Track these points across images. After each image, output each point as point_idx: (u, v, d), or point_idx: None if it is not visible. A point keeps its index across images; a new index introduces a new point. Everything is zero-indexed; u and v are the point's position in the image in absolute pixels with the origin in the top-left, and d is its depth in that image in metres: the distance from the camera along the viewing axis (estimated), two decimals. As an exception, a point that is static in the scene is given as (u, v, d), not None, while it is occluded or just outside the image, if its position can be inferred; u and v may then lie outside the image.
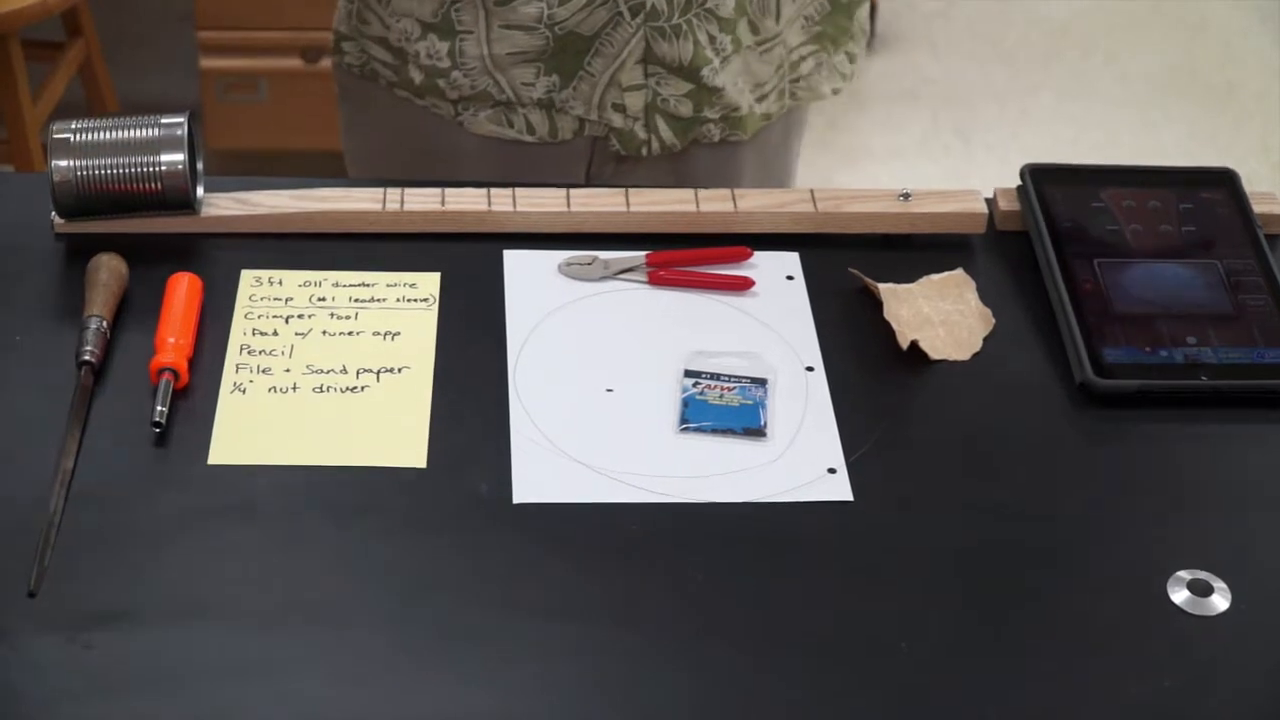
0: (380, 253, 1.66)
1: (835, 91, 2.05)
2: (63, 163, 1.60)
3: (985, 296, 1.65)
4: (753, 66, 1.91)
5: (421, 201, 1.68)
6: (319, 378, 1.52)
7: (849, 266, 1.66)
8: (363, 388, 1.52)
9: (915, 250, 1.71)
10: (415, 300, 1.61)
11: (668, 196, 1.71)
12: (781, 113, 2.00)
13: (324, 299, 1.60)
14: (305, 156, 3.66)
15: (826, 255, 1.69)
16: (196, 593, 1.33)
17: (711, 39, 1.85)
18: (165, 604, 1.32)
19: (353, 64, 1.97)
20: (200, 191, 1.66)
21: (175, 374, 1.48)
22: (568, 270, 1.65)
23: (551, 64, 1.85)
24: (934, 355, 1.58)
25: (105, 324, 1.52)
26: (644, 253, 1.66)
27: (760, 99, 1.95)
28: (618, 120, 1.88)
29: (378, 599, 1.34)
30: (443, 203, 1.68)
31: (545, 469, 1.45)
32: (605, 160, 1.94)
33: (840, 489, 1.45)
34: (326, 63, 3.63)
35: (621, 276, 1.65)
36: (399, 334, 1.57)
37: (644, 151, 1.91)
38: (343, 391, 1.51)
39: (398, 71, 1.92)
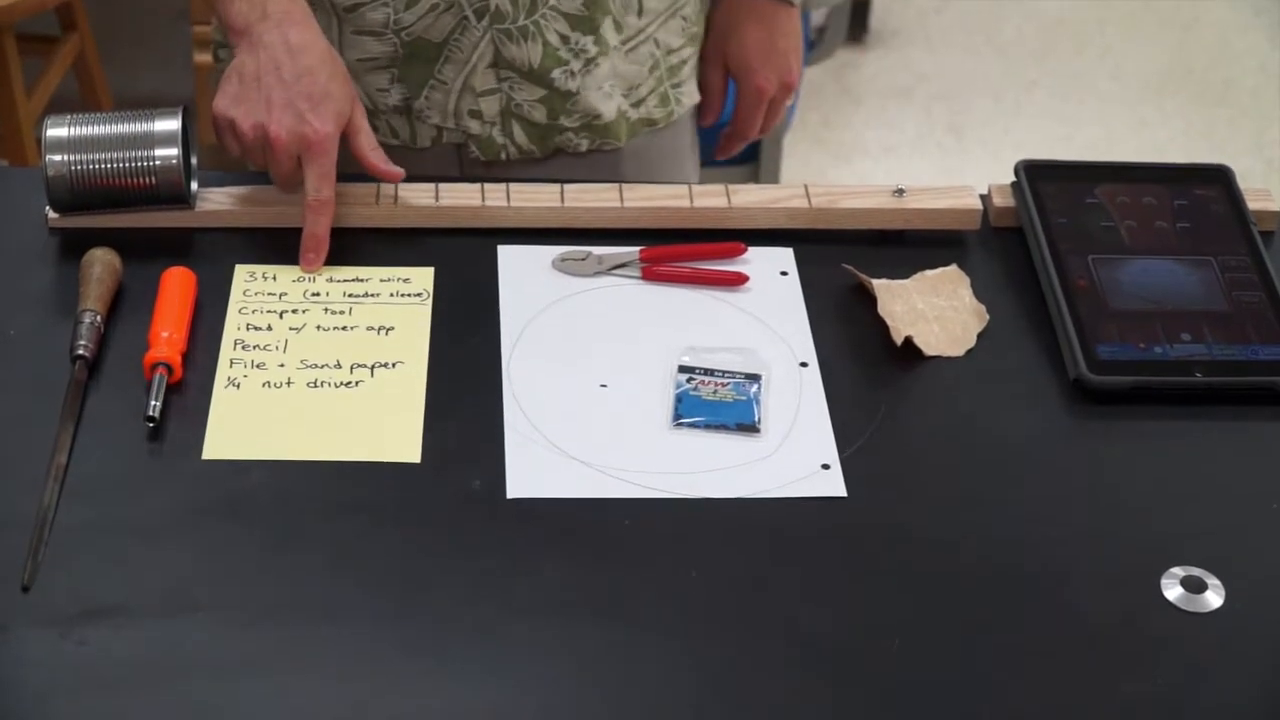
0: (374, 248, 1.66)
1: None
2: (57, 157, 1.60)
3: (979, 292, 1.65)
4: (620, 68, 1.86)
5: (415, 196, 1.68)
6: (313, 373, 1.52)
7: (843, 262, 1.66)
8: (357, 383, 1.52)
9: (909, 246, 1.71)
10: (409, 295, 1.61)
11: (662, 192, 1.71)
12: (669, 119, 1.93)
13: (318, 294, 1.60)
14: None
15: (821, 251, 1.69)
16: (190, 588, 1.33)
17: (564, 39, 1.80)
18: (159, 599, 1.32)
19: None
20: (194, 186, 1.66)
21: (169, 369, 1.48)
22: (561, 265, 1.65)
23: (403, 71, 1.81)
24: (928, 351, 1.58)
25: (99, 318, 1.52)
26: (638, 248, 1.66)
27: (636, 103, 1.89)
28: (475, 127, 1.84)
29: (371, 594, 1.34)
30: (436, 198, 1.68)
31: (539, 464, 1.45)
32: (473, 165, 1.89)
33: (834, 485, 1.46)
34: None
35: (615, 272, 1.65)
36: (393, 329, 1.57)
37: (502, 156, 1.86)
38: (337, 386, 1.51)
39: None
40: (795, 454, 1.48)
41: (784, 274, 1.67)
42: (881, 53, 4.45)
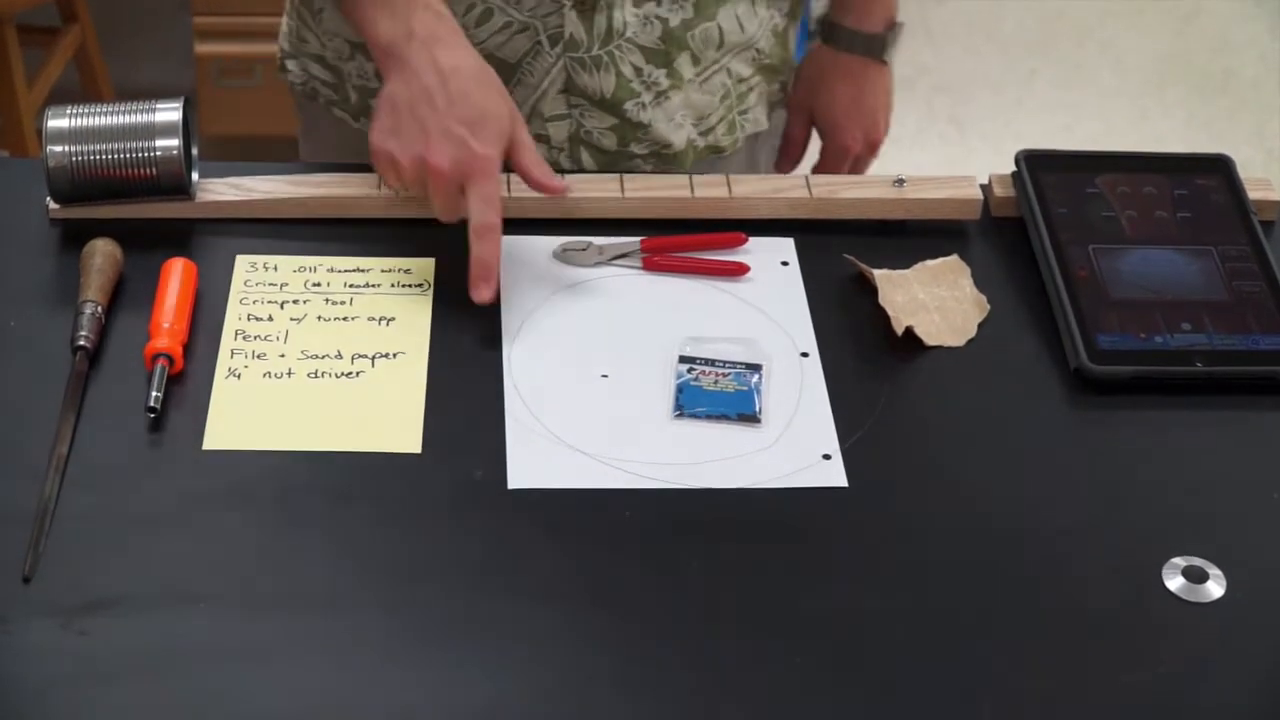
0: (375, 238, 1.66)
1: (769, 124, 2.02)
2: (58, 148, 1.60)
3: (980, 282, 1.65)
4: (693, 99, 1.84)
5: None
6: (314, 363, 1.52)
7: (844, 253, 1.66)
8: (358, 373, 1.52)
9: (910, 236, 1.71)
10: (410, 286, 1.61)
11: (663, 182, 1.71)
12: (734, 146, 1.92)
13: (319, 284, 1.60)
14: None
15: (822, 241, 1.69)
16: (191, 578, 1.33)
17: (638, 71, 1.79)
18: (160, 589, 1.32)
19: (295, 82, 1.94)
20: (195, 177, 1.66)
21: (170, 359, 1.48)
22: (562, 256, 1.65)
23: None
24: (929, 341, 1.58)
25: (100, 309, 1.52)
26: (639, 238, 1.66)
27: (705, 132, 1.87)
28: (541, 151, 1.78)
29: (372, 584, 1.34)
30: (438, 188, 1.68)
31: (540, 455, 1.45)
32: None
33: (835, 475, 1.46)
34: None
35: (616, 262, 1.65)
36: (394, 319, 1.57)
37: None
38: (338, 377, 1.51)
39: (336, 90, 1.88)
40: (796, 444, 1.48)
41: (785, 264, 1.67)
42: (882, 44, 4.44)
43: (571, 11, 1.73)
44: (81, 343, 1.49)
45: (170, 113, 1.62)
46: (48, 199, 1.63)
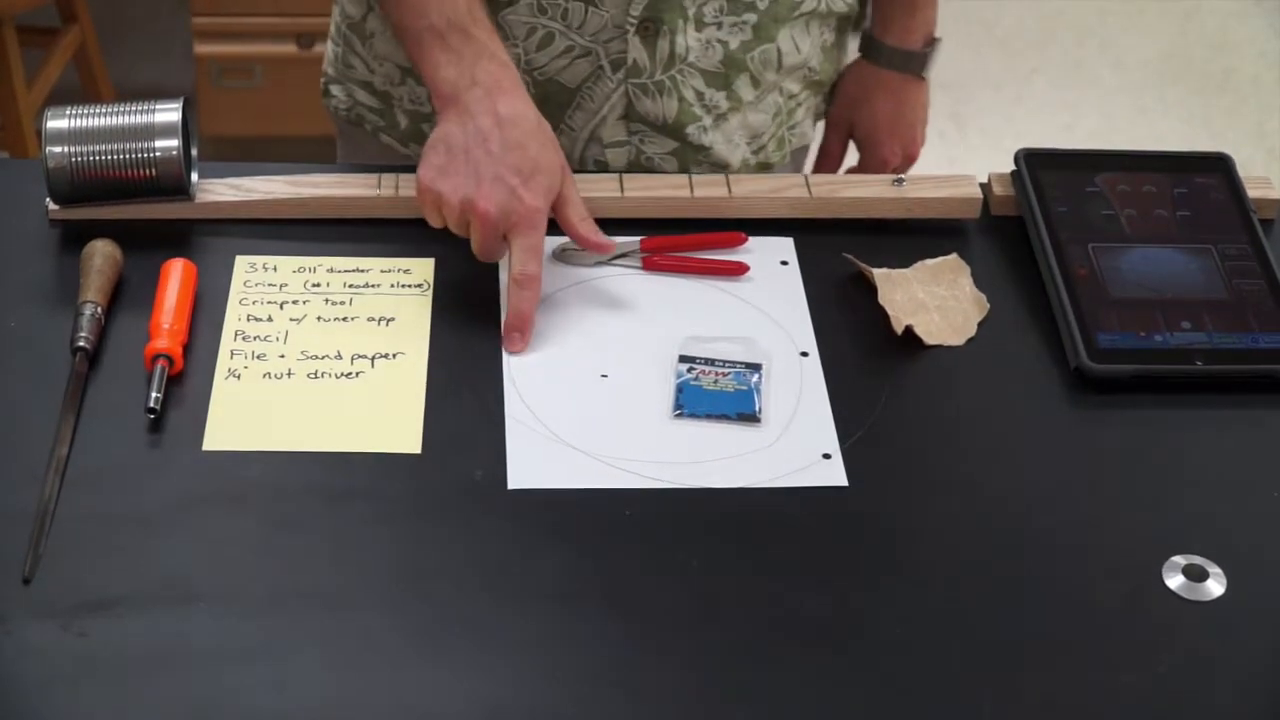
0: (375, 238, 1.66)
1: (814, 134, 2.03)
2: (57, 149, 1.60)
3: (980, 281, 1.65)
4: (750, 119, 1.85)
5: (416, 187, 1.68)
6: (314, 363, 1.52)
7: (844, 252, 1.66)
8: (357, 373, 1.52)
9: (910, 235, 1.71)
10: (410, 286, 1.61)
11: (662, 182, 1.71)
12: (782, 162, 1.93)
13: (318, 285, 1.60)
14: (300, 142, 3.66)
15: (821, 240, 1.69)
16: (191, 579, 1.33)
17: (699, 95, 1.79)
18: (160, 590, 1.32)
19: (340, 108, 1.93)
20: (195, 177, 1.66)
21: (170, 360, 1.48)
22: (562, 256, 1.65)
23: None
24: (929, 340, 1.58)
25: (100, 310, 1.52)
26: (638, 238, 1.66)
27: (757, 150, 1.89)
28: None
29: (372, 585, 1.34)
30: (437, 188, 1.68)
31: (540, 455, 1.45)
32: None
33: (835, 474, 1.46)
34: (321, 48, 3.63)
35: (615, 262, 1.65)
36: (394, 320, 1.57)
37: None
38: (337, 377, 1.51)
39: (383, 116, 1.88)
40: (796, 443, 1.48)
41: (784, 263, 1.67)
42: (882, 42, 4.43)
43: (635, 36, 1.73)
44: (81, 343, 1.49)
45: (170, 113, 1.62)
46: (47, 200, 1.63)
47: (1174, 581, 1.38)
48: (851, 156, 2.05)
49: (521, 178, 1.55)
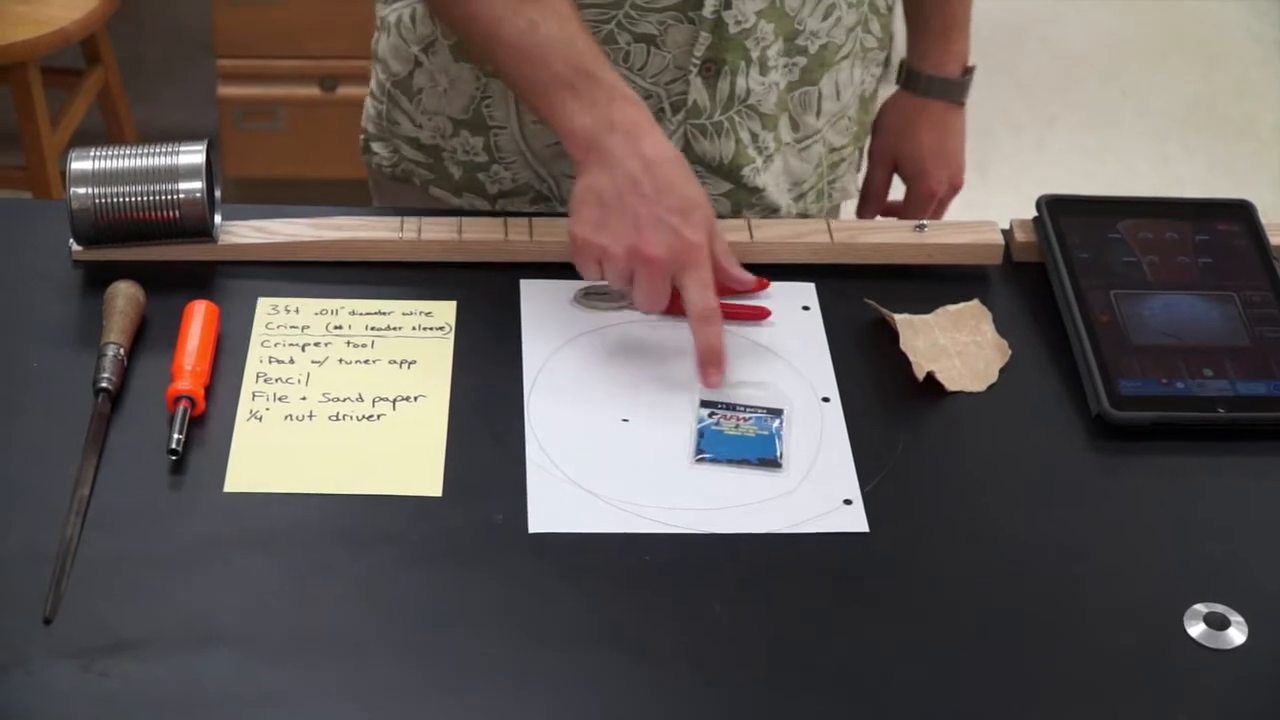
0: (397, 281, 1.66)
1: (858, 189, 2.05)
2: (81, 190, 1.60)
3: (1001, 328, 1.65)
4: (791, 164, 1.86)
5: (438, 231, 1.68)
6: (335, 406, 1.52)
7: (865, 297, 1.66)
8: (379, 416, 1.52)
9: (931, 281, 1.71)
10: (431, 329, 1.61)
11: (684, 226, 1.71)
12: (820, 214, 1.94)
13: (340, 327, 1.61)
14: (323, 185, 3.67)
15: (843, 286, 1.69)
16: (212, 621, 1.33)
17: (754, 137, 1.80)
18: (181, 632, 1.32)
19: (383, 165, 1.93)
20: (218, 219, 1.66)
21: (192, 401, 1.48)
22: (584, 300, 1.65)
23: None
24: (950, 387, 1.58)
25: (122, 351, 1.53)
26: (660, 283, 1.66)
27: (798, 198, 1.89)
28: None
29: (393, 628, 1.34)
30: (459, 232, 1.68)
31: (561, 499, 1.45)
32: None
33: (856, 520, 1.45)
34: (344, 91, 3.64)
35: (637, 307, 1.65)
36: (415, 363, 1.57)
37: None
38: (359, 420, 1.51)
39: (433, 169, 1.88)
40: (817, 489, 1.48)
41: (806, 309, 1.67)
42: (903, 87, 4.44)
43: (697, 77, 1.74)
44: (104, 384, 1.50)
45: (194, 155, 1.62)
46: (71, 241, 1.64)
47: (1195, 629, 1.37)
48: (896, 190, 2.05)
49: (682, 216, 1.54)
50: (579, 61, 1.59)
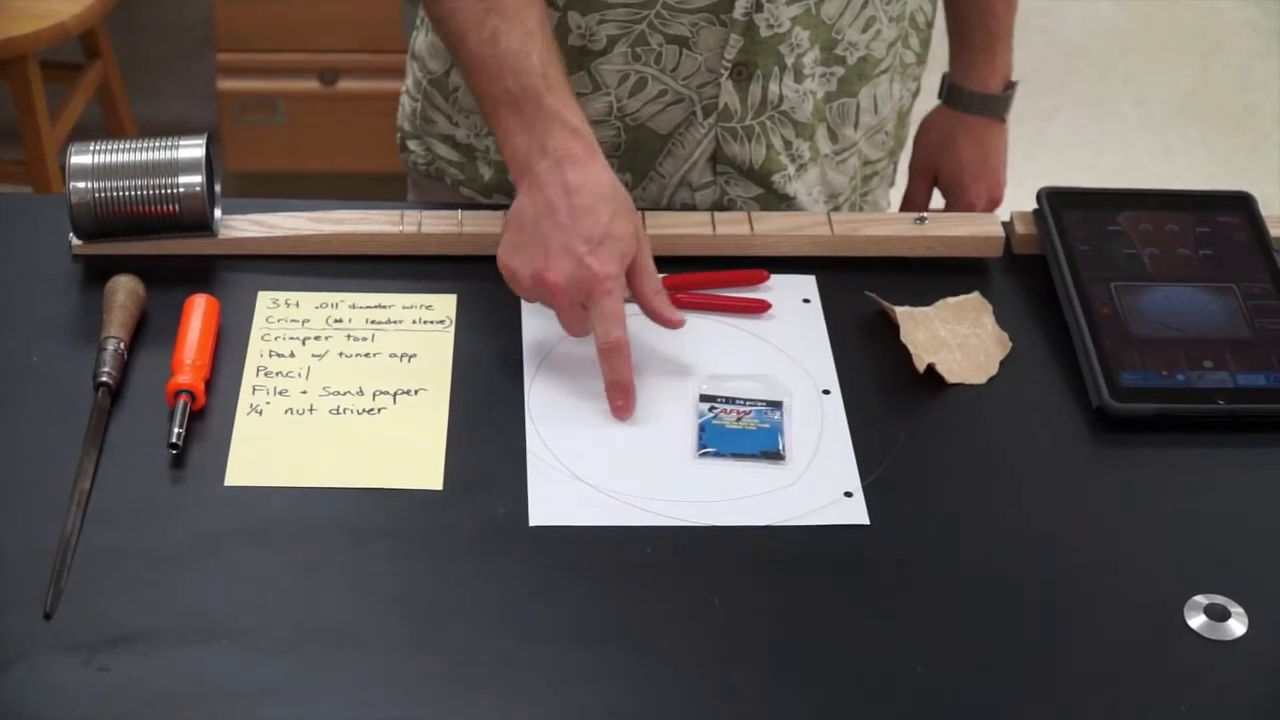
0: (397, 275, 1.66)
1: (888, 203, 2.05)
2: (81, 185, 1.60)
3: (1002, 320, 1.65)
4: (829, 176, 1.86)
5: (439, 224, 1.68)
6: (335, 399, 1.52)
7: (865, 290, 1.66)
8: (379, 409, 1.52)
9: (932, 273, 1.71)
10: (432, 322, 1.61)
11: (684, 220, 1.71)
12: None
13: (341, 321, 1.61)
14: (323, 178, 3.67)
15: (843, 278, 1.69)
16: (213, 615, 1.33)
17: (787, 144, 1.80)
18: (182, 626, 1.32)
19: (419, 162, 1.93)
20: (218, 213, 1.66)
21: (192, 395, 1.49)
22: (584, 293, 1.65)
23: (625, 160, 1.80)
24: (950, 379, 1.58)
25: (122, 345, 1.53)
26: (660, 276, 1.66)
27: (834, 210, 1.88)
28: None
29: (393, 621, 1.34)
30: (460, 225, 1.68)
31: (561, 492, 1.45)
32: None
33: (857, 512, 1.45)
34: (344, 85, 3.64)
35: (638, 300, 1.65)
36: (415, 356, 1.57)
37: None
38: (359, 413, 1.51)
39: (464, 169, 1.88)
40: (818, 482, 1.48)
41: (806, 301, 1.67)
42: (904, 80, 4.44)
43: (728, 81, 1.74)
44: (104, 379, 1.50)
45: (193, 149, 1.62)
46: (71, 235, 1.64)
47: (1196, 621, 1.37)
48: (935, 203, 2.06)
49: (590, 245, 1.52)
50: (529, 81, 1.58)
